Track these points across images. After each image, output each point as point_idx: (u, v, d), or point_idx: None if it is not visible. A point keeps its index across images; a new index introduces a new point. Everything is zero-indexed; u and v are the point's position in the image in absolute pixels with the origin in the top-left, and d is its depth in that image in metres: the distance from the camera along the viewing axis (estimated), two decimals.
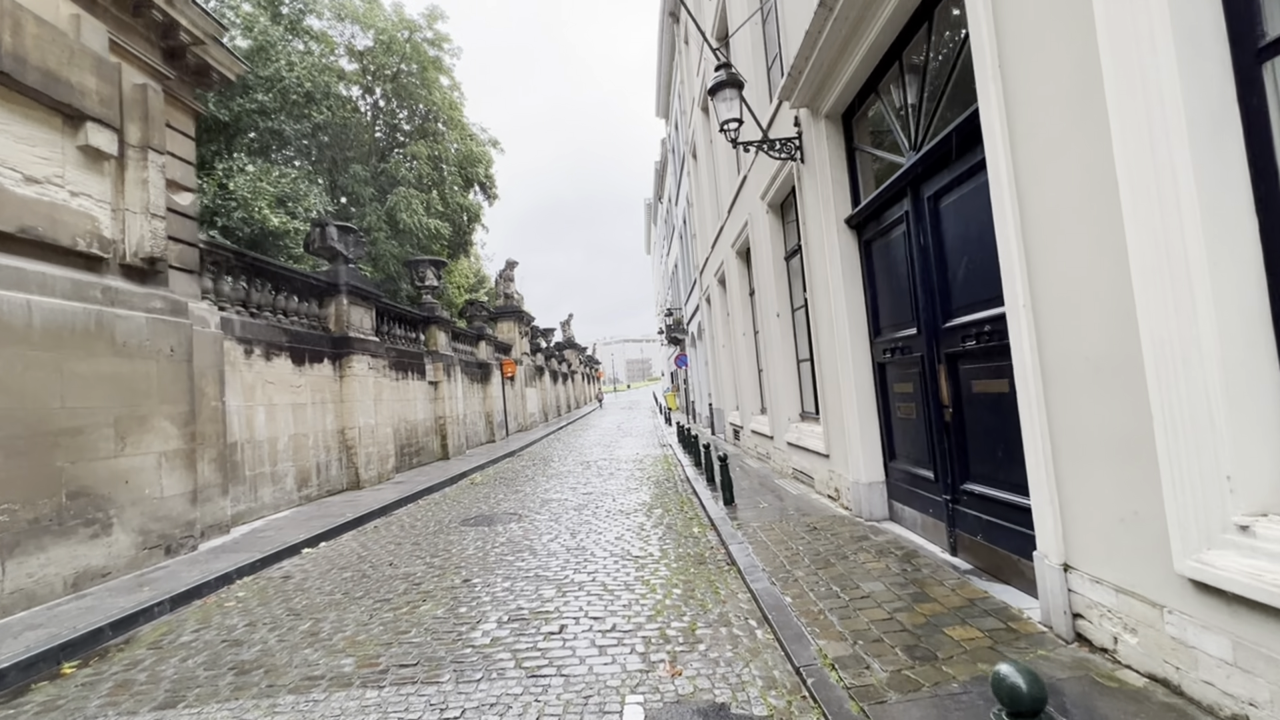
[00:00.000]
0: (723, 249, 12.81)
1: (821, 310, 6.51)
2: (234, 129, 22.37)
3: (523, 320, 26.05)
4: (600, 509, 7.85)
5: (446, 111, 30.32)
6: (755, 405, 11.44)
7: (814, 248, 6.60)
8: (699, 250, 17.42)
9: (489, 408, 19.91)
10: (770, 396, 9.61)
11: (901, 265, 4.95)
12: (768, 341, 9.48)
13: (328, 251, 11.07)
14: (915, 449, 4.98)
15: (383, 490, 10.30)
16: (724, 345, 14.35)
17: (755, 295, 10.51)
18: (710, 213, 14.81)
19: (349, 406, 10.64)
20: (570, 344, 44.50)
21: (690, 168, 17.55)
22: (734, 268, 11.74)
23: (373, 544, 6.77)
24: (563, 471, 12.20)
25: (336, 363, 10.57)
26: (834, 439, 6.47)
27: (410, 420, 13.58)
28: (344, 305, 10.90)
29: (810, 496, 7.08)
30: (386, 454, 11.68)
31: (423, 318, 15.17)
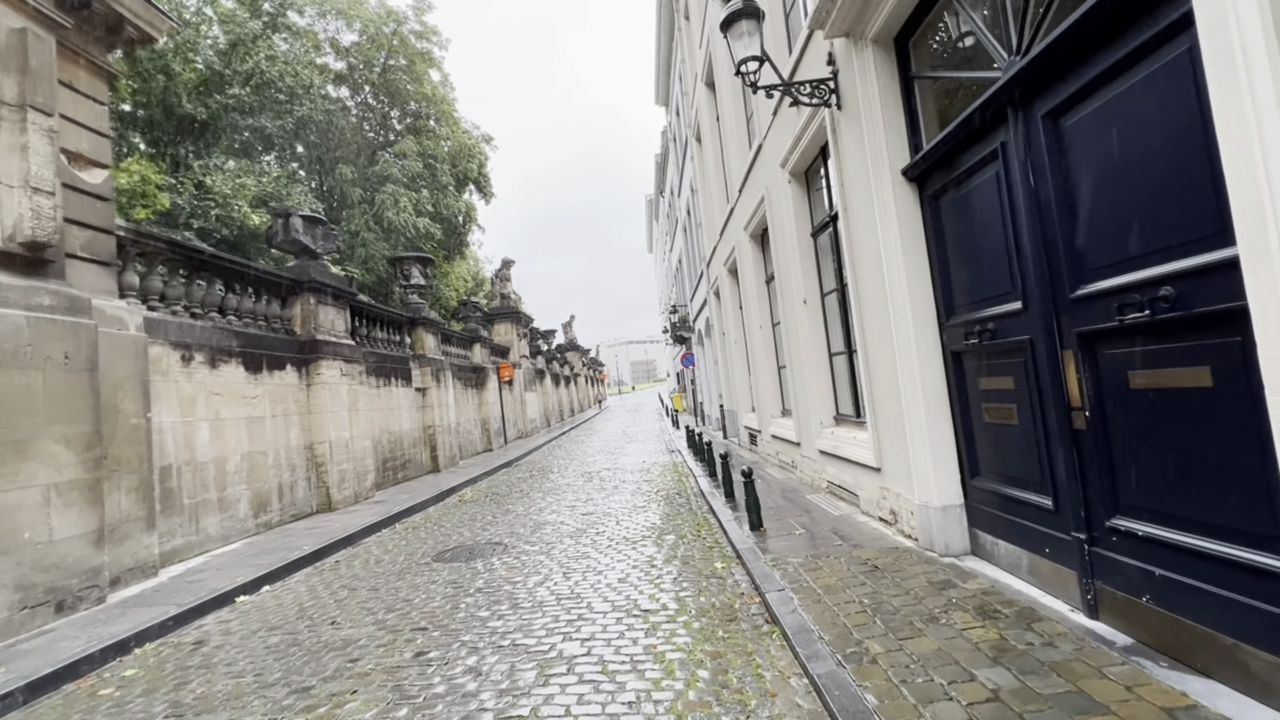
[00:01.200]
0: (733, 234, 11.57)
1: (869, 290, 5.26)
2: (212, 127, 21.29)
3: (521, 321, 24.85)
4: (601, 535, 6.61)
5: (437, 106, 29.20)
6: (775, 407, 10.17)
7: (857, 213, 5.35)
8: (705, 240, 16.19)
9: (485, 414, 18.70)
10: (796, 397, 8.35)
11: (991, 219, 3.70)
12: (791, 334, 8.23)
13: (293, 245, 9.88)
14: (1016, 464, 3.72)
15: (356, 513, 9.09)
16: (736, 341, 13.11)
17: (775, 281, 9.26)
18: (717, 198, 13.58)
19: (318, 418, 9.43)
20: (573, 346, 43.31)
21: (694, 152, 16.33)
22: (747, 253, 10.50)
23: (323, 588, 5.55)
24: (561, 485, 10.96)
25: (302, 369, 9.37)
26: (888, 449, 5.21)
27: (394, 431, 12.38)
28: (311, 305, 9.71)
29: (855, 519, 5.82)
30: (364, 470, 10.47)
31: (407, 319, 13.97)
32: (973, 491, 4.28)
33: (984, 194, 3.76)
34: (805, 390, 7.77)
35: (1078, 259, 3.02)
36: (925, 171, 4.39)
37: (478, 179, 31.79)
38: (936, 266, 4.44)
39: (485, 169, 32.28)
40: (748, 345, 11.54)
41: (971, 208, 3.93)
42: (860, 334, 5.57)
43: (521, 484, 11.66)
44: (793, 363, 8.34)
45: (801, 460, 8.28)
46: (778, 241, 8.37)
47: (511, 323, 24.09)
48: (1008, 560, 3.87)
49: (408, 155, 27.49)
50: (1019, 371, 3.57)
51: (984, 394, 4.01)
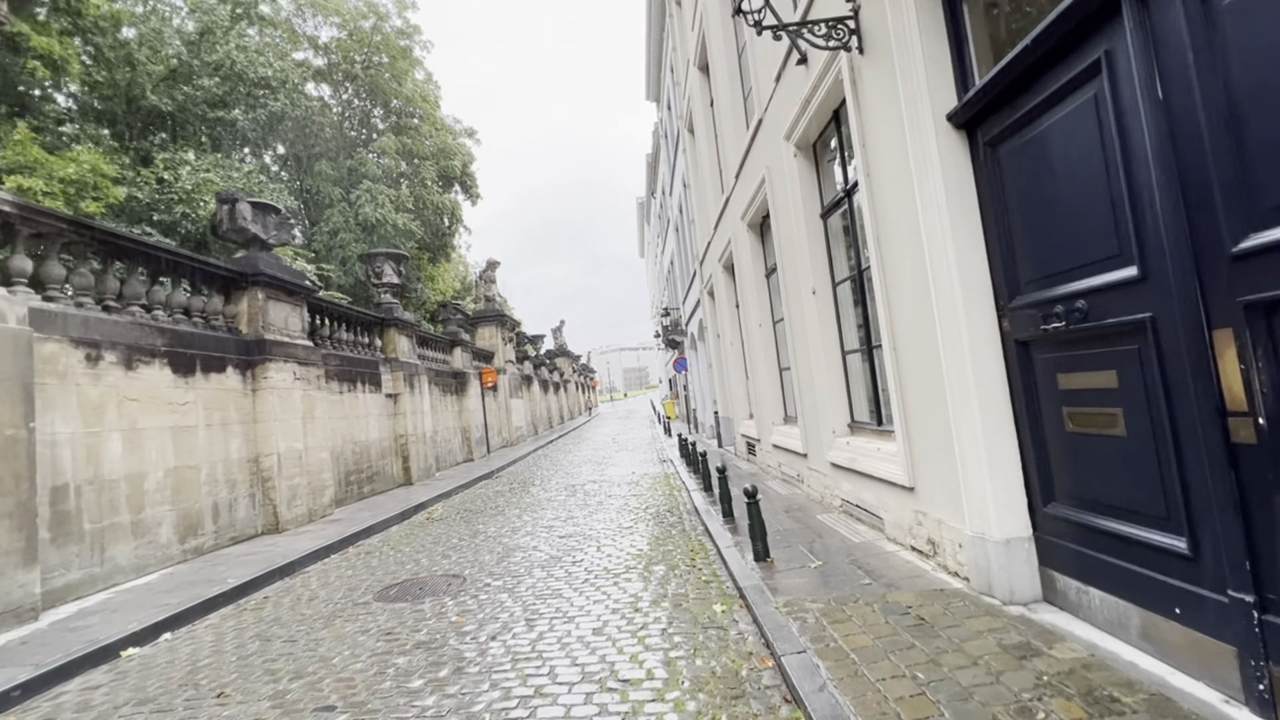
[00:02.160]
0: (730, 225, 10.65)
1: (900, 271, 4.32)
2: (179, 119, 20.22)
3: (506, 325, 23.83)
4: (578, 566, 5.61)
5: (420, 104, 28.27)
6: (776, 414, 9.22)
7: (884, 177, 4.42)
8: (698, 237, 15.28)
9: (465, 422, 17.65)
10: (802, 402, 7.41)
11: (1084, 160, 2.77)
12: (796, 330, 7.29)
13: (240, 234, 8.85)
14: (1120, 488, 2.78)
15: (306, 534, 8.04)
16: (732, 343, 12.17)
17: (777, 274, 8.34)
18: (711, 190, 12.68)
19: (265, 427, 8.38)
20: (562, 351, 42.28)
21: (686, 145, 15.46)
22: (745, 244, 9.57)
23: (233, 638, 4.52)
24: (541, 500, 9.94)
25: (247, 372, 8.32)
26: (925, 464, 4.26)
27: (360, 441, 11.32)
28: (260, 301, 8.68)
29: (880, 547, 4.85)
30: (321, 484, 9.41)
31: (378, 320, 12.94)
32: (1046, 521, 3.33)
33: (1072, 129, 2.83)
34: (813, 394, 6.82)
35: (1243, 197, 2.09)
36: (979, 114, 3.46)
37: (462, 178, 30.86)
38: (994, 233, 3.51)
39: (470, 168, 31.37)
40: (745, 346, 10.61)
41: (1050, 150, 3.00)
42: (886, 325, 4.63)
43: (498, 499, 10.62)
44: (798, 363, 7.39)
45: (809, 474, 7.32)
46: (781, 227, 7.44)
47: (496, 326, 23.07)
48: (1106, 616, 2.91)
49: (388, 152, 26.51)
50: (1129, 363, 2.63)
51: (1066, 395, 3.07)
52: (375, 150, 26.86)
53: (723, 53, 10.08)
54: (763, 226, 9.16)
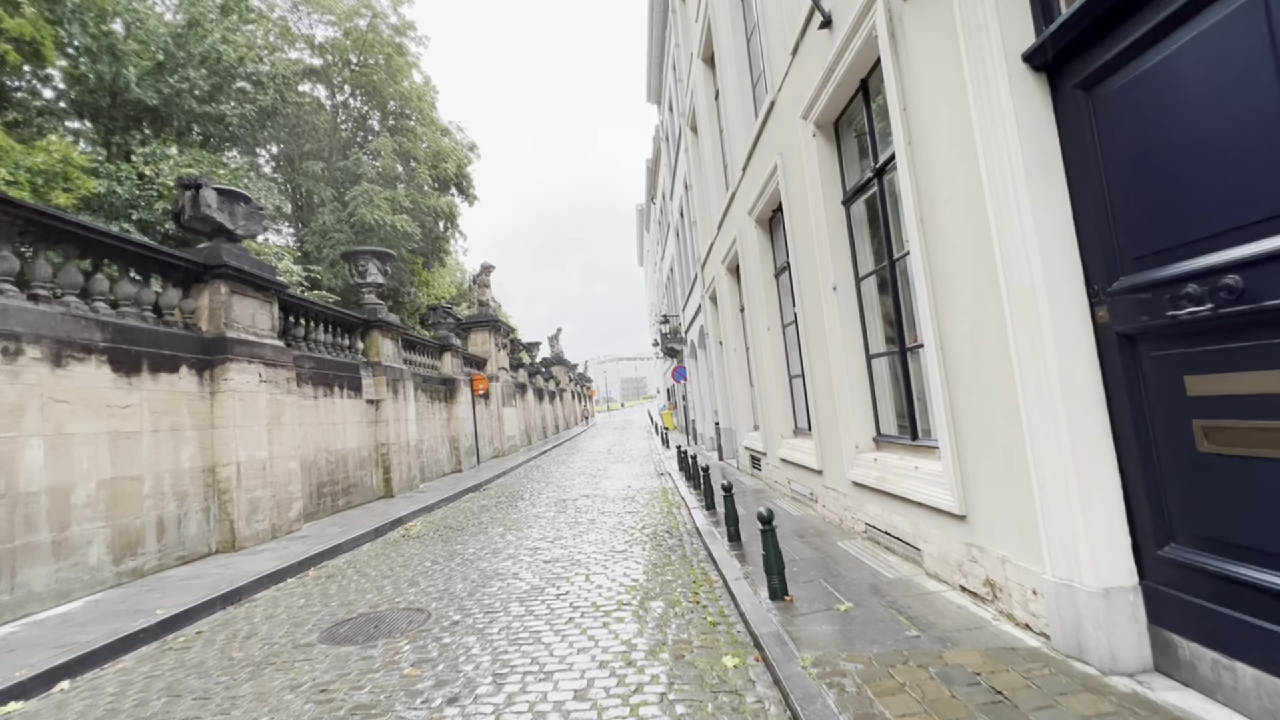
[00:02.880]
0: (735, 223, 9.95)
1: (956, 253, 3.59)
2: (164, 114, 19.55)
3: (500, 331, 23.09)
4: (563, 599, 4.82)
5: (416, 105, 27.70)
6: (786, 425, 8.47)
7: (936, 142, 3.70)
8: (700, 239, 14.60)
9: (454, 431, 16.86)
10: (818, 413, 6.66)
11: (1240, 87, 2.06)
12: (812, 333, 6.56)
13: (204, 223, 8.12)
14: None
15: (264, 553, 7.23)
16: (736, 349, 11.44)
17: (788, 273, 7.63)
18: (715, 188, 12.00)
19: (224, 434, 7.60)
20: (559, 360, 41.55)
21: (688, 144, 14.82)
22: (752, 242, 8.86)
23: (139, 689, 3.72)
24: (529, 517, 9.15)
25: (204, 373, 7.55)
26: (980, 487, 3.51)
27: (336, 449, 10.53)
28: (222, 295, 7.93)
29: (922, 586, 4.08)
30: (288, 497, 8.60)
31: (361, 321, 12.19)
32: (1160, 568, 2.58)
33: (1219, 46, 2.12)
34: (831, 404, 6.07)
35: None
36: (1067, 49, 2.75)
37: (459, 180, 30.24)
38: (1087, 200, 2.78)
39: (467, 169, 30.77)
40: (751, 353, 9.86)
41: (1179, 81, 2.29)
42: (931, 322, 3.89)
43: (483, 514, 9.82)
44: (813, 369, 6.65)
45: (825, 493, 6.56)
46: (795, 219, 6.73)
47: (490, 332, 22.33)
48: (1262, 701, 2.15)
49: (383, 153, 25.87)
50: None
51: (1199, 403, 2.33)
52: (371, 151, 26.21)
53: (730, 38, 9.43)
54: (772, 221, 8.46)
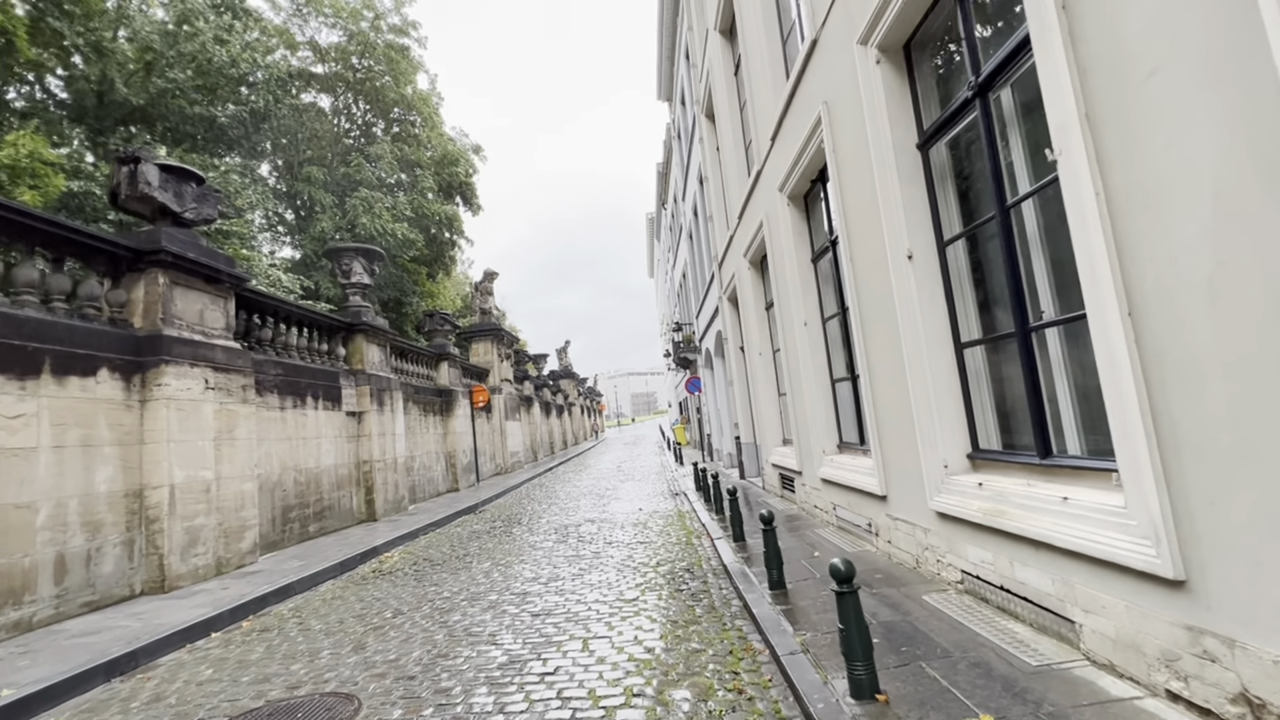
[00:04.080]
0: (761, 205, 8.66)
1: (1176, 168, 2.24)
2: (152, 113, 18.71)
3: (503, 341, 21.89)
4: (548, 685, 3.46)
5: (419, 109, 26.84)
6: (828, 439, 7.07)
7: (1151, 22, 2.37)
8: (717, 235, 13.32)
9: (451, 446, 15.57)
10: (877, 423, 5.27)
11: None
12: (870, 323, 5.21)
13: (144, 204, 6.95)
14: None
15: (197, 596, 5.92)
16: (760, 354, 10.08)
17: (833, 252, 6.31)
18: (735, 174, 10.74)
19: (155, 450, 6.34)
20: (567, 373, 40.33)
21: (704, 133, 13.60)
22: (783, 225, 7.54)
23: None
24: (524, 547, 7.79)
25: (133, 378, 6.32)
26: (1220, 543, 2.13)
27: (307, 468, 9.25)
28: (160, 287, 6.72)
29: (1091, 684, 2.67)
30: (239, 525, 7.31)
31: (341, 325, 10.98)
32: None
33: None
34: (901, 411, 4.70)
35: None
36: None
37: (463, 188, 29.27)
38: None
39: (472, 178, 29.81)
40: (781, 355, 8.50)
41: None
42: (1110, 266, 2.53)
43: (473, 542, 8.47)
44: (873, 368, 5.29)
45: (890, 526, 5.16)
46: (849, 179, 5.41)
47: (492, 341, 21.14)
48: None
49: (384, 158, 24.95)
50: None
51: None
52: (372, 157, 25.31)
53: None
54: (809, 196, 7.15)
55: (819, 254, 7.07)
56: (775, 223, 7.95)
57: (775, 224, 7.96)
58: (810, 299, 7.27)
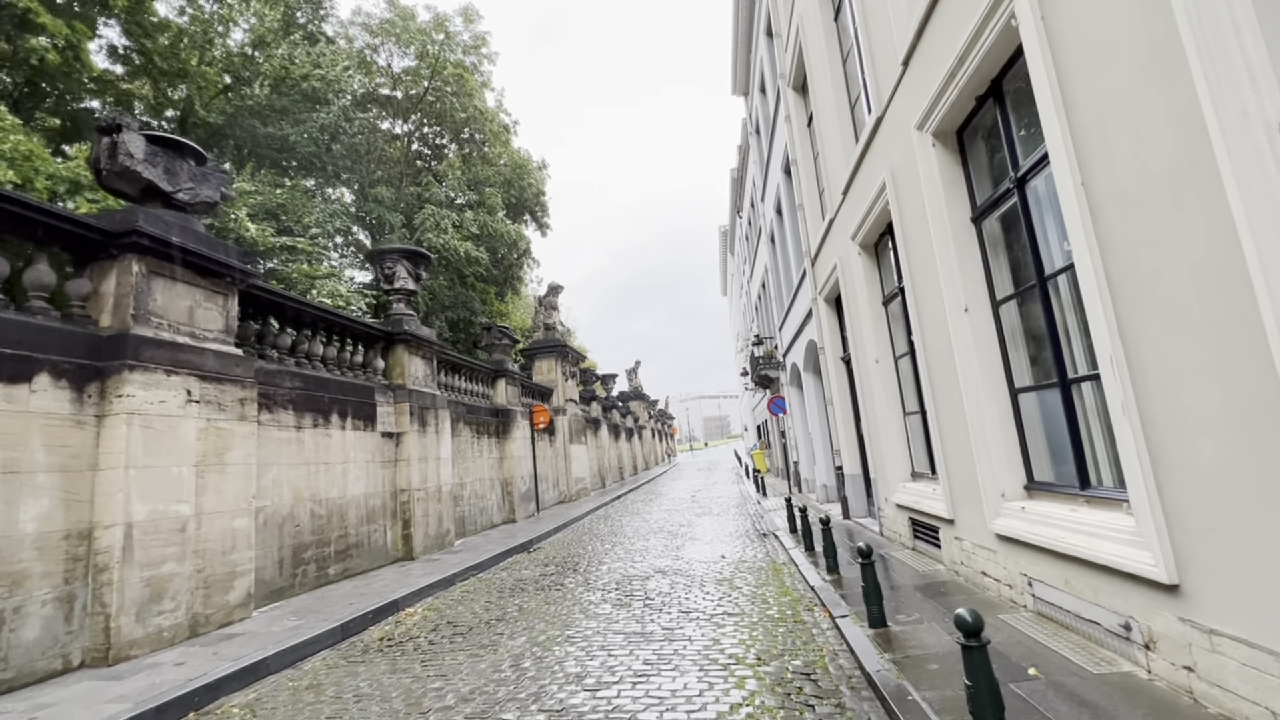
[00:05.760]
0: (881, 162, 6.56)
1: None
2: (226, 133, 18.88)
3: (568, 359, 20.48)
4: None
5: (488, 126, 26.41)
6: (1006, 475, 4.79)
7: None
8: (810, 226, 11.24)
9: (507, 473, 14.07)
10: (1152, 452, 3.06)
11: None
12: (1149, 271, 3.10)
13: (128, 181, 5.80)
14: None
15: (148, 673, 4.45)
16: (879, 361, 7.87)
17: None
18: (837, 144, 8.68)
19: (110, 479, 5.02)
20: (638, 394, 38.66)
21: (791, 109, 11.64)
22: (929, 172, 5.41)
23: None
24: (573, 613, 5.93)
25: (88, 386, 5.05)
26: None
27: (330, 498, 7.87)
28: (134, 278, 5.48)
29: None
30: (227, 572, 5.90)
31: (380, 333, 9.72)
32: None
33: None
34: (1224, 435, 2.53)
35: None
36: None
37: (532, 206, 28.56)
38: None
39: (543, 197, 29.08)
40: (920, 358, 6.30)
41: None
42: None
43: (513, 599, 6.72)
44: (1134, 361, 3.12)
45: (1178, 636, 2.89)
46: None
47: (556, 359, 19.76)
48: None
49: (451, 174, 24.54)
50: None
51: None
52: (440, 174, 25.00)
53: None
54: (966, 131, 5.02)
55: (986, 209, 4.92)
56: (906, 179, 5.84)
57: (906, 182, 5.85)
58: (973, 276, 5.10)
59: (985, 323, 4.88)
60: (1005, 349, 4.79)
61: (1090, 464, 3.88)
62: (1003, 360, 4.81)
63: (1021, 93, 4.18)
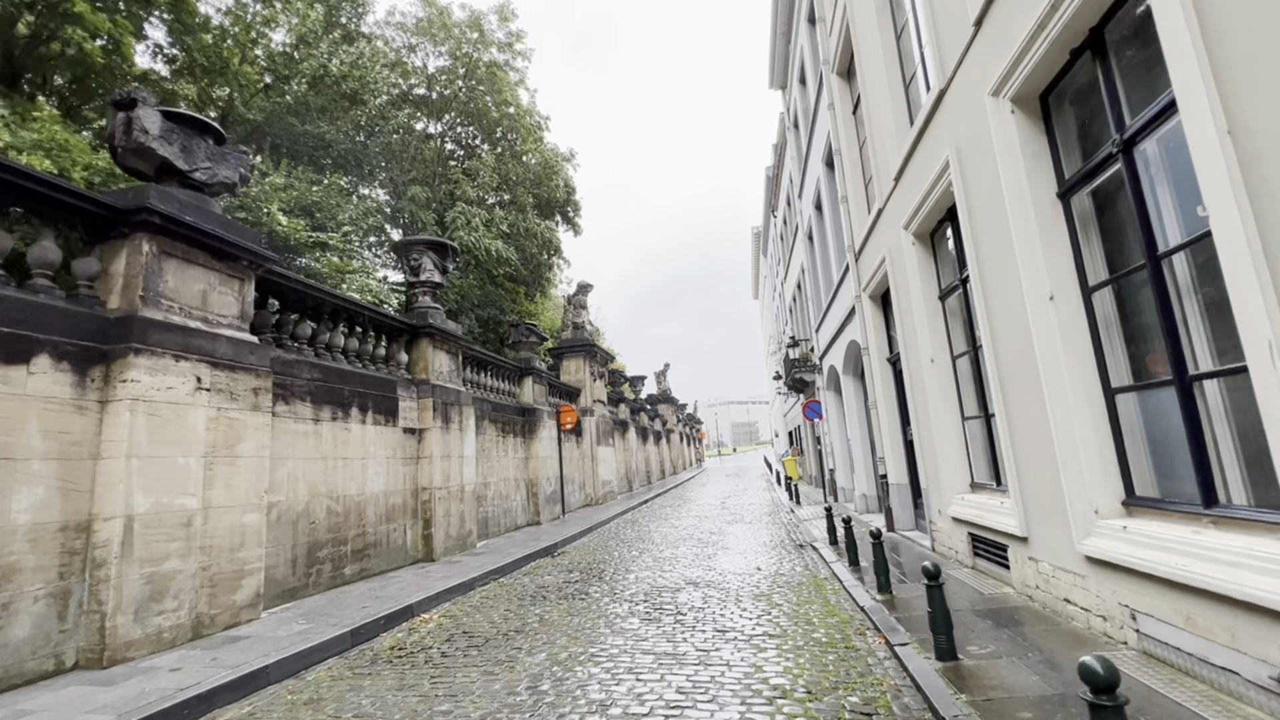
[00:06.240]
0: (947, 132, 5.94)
1: None
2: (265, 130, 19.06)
3: (596, 359, 20.09)
4: None
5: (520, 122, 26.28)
6: (1103, 487, 4.12)
7: None
8: (855, 218, 10.59)
9: (533, 473, 13.70)
10: None
11: None
12: None
13: (141, 158, 5.57)
14: None
15: (142, 677, 4.12)
16: (935, 359, 7.21)
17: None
18: (888, 125, 8.05)
19: (113, 468, 4.73)
20: (666, 398, 38.10)
21: (835, 96, 11.01)
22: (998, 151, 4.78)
23: None
24: (598, 627, 5.44)
25: (91, 370, 4.78)
26: None
27: (348, 495, 7.56)
28: (144, 257, 5.21)
29: None
30: (236, 570, 5.59)
31: (405, 326, 9.42)
32: None
33: None
34: None
35: None
36: None
37: (564, 206, 28.33)
38: None
39: (574, 195, 28.84)
40: (986, 355, 5.65)
41: None
42: None
43: (534, 608, 6.27)
44: None
45: None
46: None
47: (585, 359, 19.38)
48: None
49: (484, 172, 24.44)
50: None
51: None
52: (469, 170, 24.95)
53: None
54: (1049, 93, 4.40)
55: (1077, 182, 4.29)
56: (977, 152, 5.22)
57: (977, 154, 5.23)
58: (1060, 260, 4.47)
59: (1074, 312, 4.25)
60: (1099, 343, 4.15)
61: (1218, 478, 3.23)
62: (1095, 356, 4.17)
63: (1131, 40, 3.57)
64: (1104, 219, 4.15)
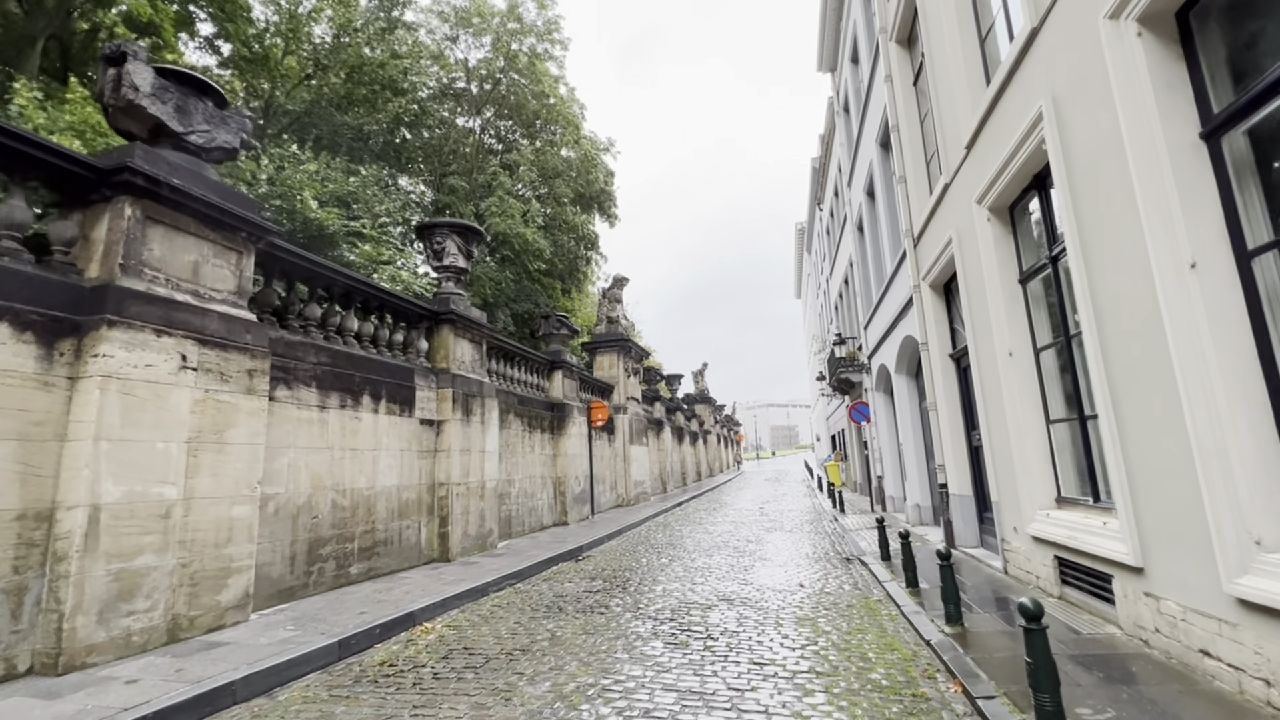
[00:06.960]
0: (1039, 84, 5.00)
1: None
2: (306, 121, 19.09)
3: (631, 355, 19.39)
4: None
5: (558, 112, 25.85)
6: (1265, 515, 3.19)
7: None
8: (914, 201, 9.58)
9: (561, 471, 13.10)
10: None
11: None
12: None
13: (133, 118, 5.13)
14: None
15: (80, 698, 3.61)
16: (1013, 354, 6.22)
17: None
18: (959, 88, 7.07)
19: (77, 451, 4.27)
20: (704, 398, 37.16)
21: (894, 67, 10.01)
22: (1129, 73, 3.86)
23: None
24: (616, 651, 4.72)
25: (59, 344, 4.33)
26: None
27: (355, 488, 7.06)
28: (125, 223, 4.75)
29: None
30: (221, 568, 5.09)
31: (425, 312, 8.92)
32: None
33: None
34: None
35: None
36: None
37: (600, 198, 27.78)
38: None
39: (611, 187, 28.28)
40: (1093, 344, 4.69)
41: None
42: None
43: (547, 622, 5.59)
44: None
45: None
46: None
47: (618, 354, 18.71)
48: None
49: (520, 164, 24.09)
50: None
51: None
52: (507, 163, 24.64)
53: None
54: (1192, 6, 3.46)
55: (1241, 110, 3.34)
56: (1094, 87, 4.28)
57: (1094, 90, 4.29)
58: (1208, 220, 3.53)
59: (1225, 285, 3.30)
60: (1262, 324, 3.20)
61: None
62: (1257, 341, 3.22)
63: None
64: (1267, 165, 3.20)
